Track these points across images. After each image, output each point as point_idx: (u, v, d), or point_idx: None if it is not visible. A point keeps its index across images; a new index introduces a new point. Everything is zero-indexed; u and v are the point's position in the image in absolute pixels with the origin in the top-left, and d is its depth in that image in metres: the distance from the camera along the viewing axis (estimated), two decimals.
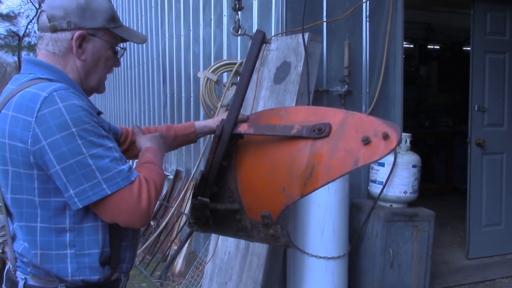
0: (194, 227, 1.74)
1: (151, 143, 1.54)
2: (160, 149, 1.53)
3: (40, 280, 1.33)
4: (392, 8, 3.68)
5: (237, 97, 1.65)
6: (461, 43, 8.04)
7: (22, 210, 1.29)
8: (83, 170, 1.20)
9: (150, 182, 1.29)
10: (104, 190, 1.21)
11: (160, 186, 1.33)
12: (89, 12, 1.35)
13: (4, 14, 24.80)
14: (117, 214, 1.25)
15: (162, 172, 1.40)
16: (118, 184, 1.22)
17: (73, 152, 1.20)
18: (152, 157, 1.45)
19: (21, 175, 1.25)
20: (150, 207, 1.26)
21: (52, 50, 1.36)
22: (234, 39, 4.14)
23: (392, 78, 3.75)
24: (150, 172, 1.34)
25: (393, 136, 1.32)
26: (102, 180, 1.21)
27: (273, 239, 1.58)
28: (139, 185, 1.25)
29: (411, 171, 3.38)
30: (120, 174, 1.23)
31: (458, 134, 6.89)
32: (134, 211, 1.24)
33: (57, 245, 1.29)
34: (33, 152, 1.21)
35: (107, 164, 1.22)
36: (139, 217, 1.25)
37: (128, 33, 1.47)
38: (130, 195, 1.23)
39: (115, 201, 1.23)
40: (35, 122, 1.20)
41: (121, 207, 1.24)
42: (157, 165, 1.41)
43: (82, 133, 1.21)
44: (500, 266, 4.19)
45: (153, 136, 1.59)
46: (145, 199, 1.25)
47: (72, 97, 1.24)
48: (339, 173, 1.38)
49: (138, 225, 1.28)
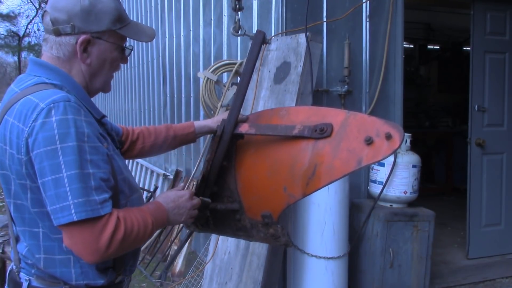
0: (192, 227, 1.74)
1: (163, 200, 1.42)
2: (168, 210, 1.40)
3: (44, 281, 1.32)
4: (392, 8, 3.68)
5: (237, 97, 1.65)
6: (461, 43, 8.04)
7: (24, 215, 1.29)
8: (58, 189, 1.15)
9: (121, 225, 1.20)
10: (71, 216, 1.14)
11: (137, 235, 1.24)
12: (94, 15, 1.31)
13: (4, 14, 24.82)
14: (73, 242, 1.18)
15: (150, 225, 1.29)
16: (87, 213, 1.15)
17: (52, 169, 1.16)
18: (151, 209, 1.35)
19: (17, 184, 1.25)
20: (109, 248, 1.17)
21: (56, 54, 1.33)
22: (234, 39, 4.14)
23: (392, 78, 3.75)
24: (134, 217, 1.25)
25: (396, 137, 1.32)
26: (72, 205, 1.15)
27: (273, 239, 1.58)
28: (105, 222, 1.17)
29: (411, 171, 3.38)
30: (90, 204, 1.16)
31: (458, 134, 6.89)
32: (89, 246, 1.17)
33: (60, 250, 1.28)
34: (25, 162, 1.20)
35: (81, 190, 1.16)
36: (92, 253, 1.17)
37: (135, 31, 1.43)
38: (91, 229, 1.16)
39: (74, 231, 1.17)
40: (28, 132, 1.18)
41: (78, 237, 1.17)
42: (149, 217, 1.29)
43: (66, 150, 1.16)
44: (500, 266, 4.18)
45: (176, 195, 1.45)
46: (107, 238, 1.16)
47: (69, 110, 1.19)
48: (342, 173, 1.38)
49: (88, 260, 1.19)
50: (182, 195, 1.46)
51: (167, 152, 1.85)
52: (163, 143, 1.75)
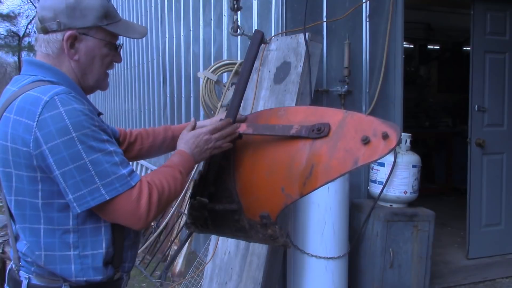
0: (191, 228, 1.74)
1: (184, 146, 1.50)
2: (192, 153, 1.49)
3: (44, 279, 1.33)
4: (392, 8, 3.68)
5: (235, 97, 1.65)
6: (461, 43, 8.03)
7: (25, 212, 1.29)
8: (82, 175, 1.21)
9: (154, 187, 1.28)
10: (103, 196, 1.22)
11: (170, 190, 1.32)
12: (79, 11, 1.33)
13: (4, 14, 24.82)
14: (116, 217, 1.27)
15: (179, 176, 1.38)
16: (117, 190, 1.23)
17: (72, 157, 1.20)
18: (176, 161, 1.43)
19: (23, 178, 1.26)
20: (149, 212, 1.26)
21: (46, 52, 1.35)
22: (234, 39, 4.14)
23: (392, 78, 3.75)
24: (162, 176, 1.34)
25: (393, 136, 1.32)
26: (101, 186, 1.22)
27: (271, 239, 1.58)
28: (139, 190, 1.25)
29: (411, 171, 3.38)
30: (119, 180, 1.23)
31: (458, 134, 6.88)
32: (132, 215, 1.25)
33: (60, 246, 1.30)
34: (35, 155, 1.22)
35: (107, 169, 1.22)
36: (137, 221, 1.26)
37: (125, 28, 1.43)
38: (129, 200, 1.24)
39: (114, 206, 1.24)
40: (36, 126, 1.20)
41: (120, 211, 1.25)
42: (175, 170, 1.39)
43: (82, 138, 1.21)
44: (500, 266, 4.18)
45: (193, 136, 1.53)
46: (145, 204, 1.25)
47: (73, 101, 1.23)
48: (338, 172, 1.38)
49: (137, 228, 1.29)
50: (199, 133, 1.53)
51: (166, 153, 1.86)
52: (161, 144, 1.76)
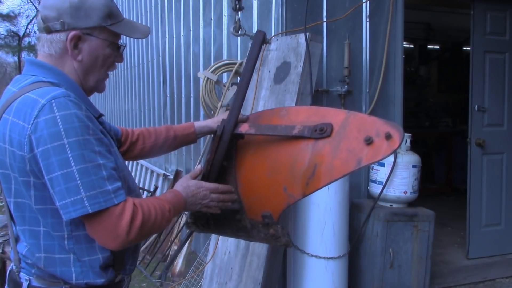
0: (193, 228, 1.74)
1: (182, 190, 1.46)
2: (186, 199, 1.45)
3: (44, 281, 1.33)
4: (392, 8, 3.68)
5: (237, 97, 1.64)
6: (461, 43, 8.03)
7: (24, 214, 1.29)
8: (68, 184, 1.17)
9: (139, 210, 1.24)
10: (86, 208, 1.17)
11: (156, 219, 1.27)
12: (83, 11, 1.31)
13: (4, 14, 24.80)
14: (94, 232, 1.23)
15: (167, 212, 1.33)
16: (101, 204, 1.18)
17: (61, 164, 1.17)
18: (169, 197, 1.39)
19: (19, 182, 1.25)
20: (129, 234, 1.21)
21: (48, 52, 1.34)
22: (234, 39, 4.14)
23: (392, 78, 3.75)
24: (151, 204, 1.29)
25: (396, 136, 1.32)
26: (85, 198, 1.17)
27: (273, 239, 1.58)
28: (122, 209, 1.21)
29: (411, 171, 3.38)
30: (104, 194, 1.19)
31: (458, 134, 6.89)
32: (110, 233, 1.20)
33: (60, 249, 1.29)
34: (28, 159, 1.20)
35: (93, 181, 1.18)
36: (114, 239, 1.21)
37: (128, 28, 1.42)
38: (110, 217, 1.19)
39: (95, 220, 1.20)
40: (30, 129, 1.19)
41: (98, 226, 1.21)
42: (166, 204, 1.34)
43: (73, 145, 1.18)
44: (500, 266, 4.18)
45: (195, 185, 1.49)
46: (125, 224, 1.20)
47: (70, 105, 1.20)
48: (342, 173, 1.38)
49: (112, 248, 1.23)
50: (201, 186, 1.50)
51: (168, 153, 1.85)
52: (163, 143, 1.75)
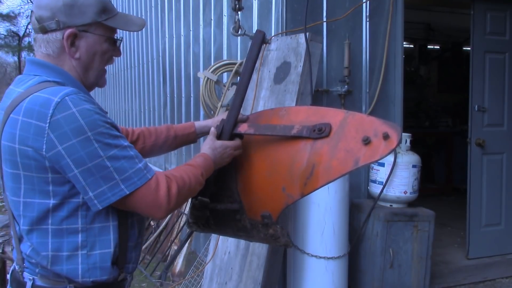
0: (193, 227, 1.75)
1: (211, 152, 1.58)
2: (214, 160, 1.57)
3: (48, 280, 1.33)
4: (392, 8, 3.68)
5: (237, 97, 1.65)
6: (461, 43, 8.03)
7: (33, 214, 1.29)
8: (101, 172, 1.22)
9: (172, 179, 1.32)
10: (123, 191, 1.25)
11: (190, 185, 1.38)
12: (77, 8, 1.31)
13: (4, 14, 24.83)
14: (138, 208, 1.30)
15: (200, 176, 1.44)
16: (136, 184, 1.26)
17: (90, 156, 1.21)
18: (200, 163, 1.49)
19: (34, 179, 1.26)
20: (170, 202, 1.30)
21: (46, 52, 1.34)
22: (234, 39, 4.14)
23: (392, 78, 3.75)
24: (184, 172, 1.39)
25: (394, 136, 1.32)
26: (120, 181, 1.24)
27: (272, 239, 1.58)
28: (156, 182, 1.28)
29: (411, 171, 3.38)
30: (137, 173, 1.26)
31: (458, 134, 6.89)
32: (153, 205, 1.28)
33: (68, 247, 1.30)
34: (48, 157, 1.21)
35: (124, 165, 1.25)
36: (158, 209, 1.29)
37: (124, 22, 1.42)
38: (148, 192, 1.27)
39: (135, 199, 1.27)
40: (48, 127, 1.20)
41: (140, 203, 1.28)
42: (197, 169, 1.45)
43: (97, 136, 1.22)
44: (500, 266, 4.18)
45: (221, 146, 1.61)
46: (164, 194, 1.28)
47: (83, 101, 1.24)
48: (339, 173, 1.39)
49: (158, 217, 1.33)
50: (226, 146, 1.62)
51: (168, 152, 1.87)
52: (163, 143, 1.76)
